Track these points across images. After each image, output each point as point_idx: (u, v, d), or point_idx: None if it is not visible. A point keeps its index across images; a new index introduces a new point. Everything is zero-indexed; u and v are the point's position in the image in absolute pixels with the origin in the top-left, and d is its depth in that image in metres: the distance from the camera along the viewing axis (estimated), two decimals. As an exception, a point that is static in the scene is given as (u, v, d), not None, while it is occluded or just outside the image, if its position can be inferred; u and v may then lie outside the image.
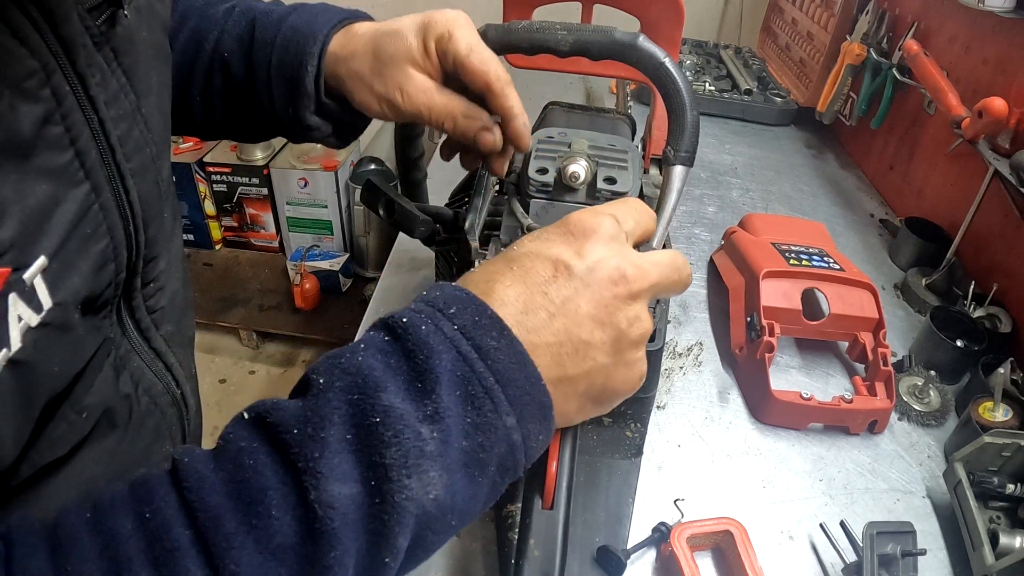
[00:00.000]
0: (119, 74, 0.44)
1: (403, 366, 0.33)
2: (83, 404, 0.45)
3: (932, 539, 0.68)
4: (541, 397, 0.35)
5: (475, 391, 0.33)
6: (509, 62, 0.71)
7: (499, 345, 0.34)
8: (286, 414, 0.32)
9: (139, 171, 0.46)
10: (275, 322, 2.43)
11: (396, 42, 0.53)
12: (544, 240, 0.40)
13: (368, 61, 0.54)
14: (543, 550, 0.46)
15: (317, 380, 0.33)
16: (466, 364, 0.33)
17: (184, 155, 2.49)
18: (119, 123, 0.44)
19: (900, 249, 1.11)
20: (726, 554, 0.63)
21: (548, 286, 0.37)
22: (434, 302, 0.36)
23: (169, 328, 0.55)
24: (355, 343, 0.35)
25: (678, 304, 0.97)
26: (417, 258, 1.00)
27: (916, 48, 1.11)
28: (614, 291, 0.38)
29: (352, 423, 0.31)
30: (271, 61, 0.57)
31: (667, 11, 0.73)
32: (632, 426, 0.61)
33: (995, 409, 0.76)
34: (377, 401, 0.31)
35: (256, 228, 2.63)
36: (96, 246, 0.42)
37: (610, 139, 0.65)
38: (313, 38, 0.55)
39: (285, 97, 0.58)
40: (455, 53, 0.52)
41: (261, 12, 0.59)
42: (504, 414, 0.33)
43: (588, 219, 0.40)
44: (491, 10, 0.96)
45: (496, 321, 0.35)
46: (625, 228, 0.41)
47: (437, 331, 0.34)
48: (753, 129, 1.54)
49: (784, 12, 1.73)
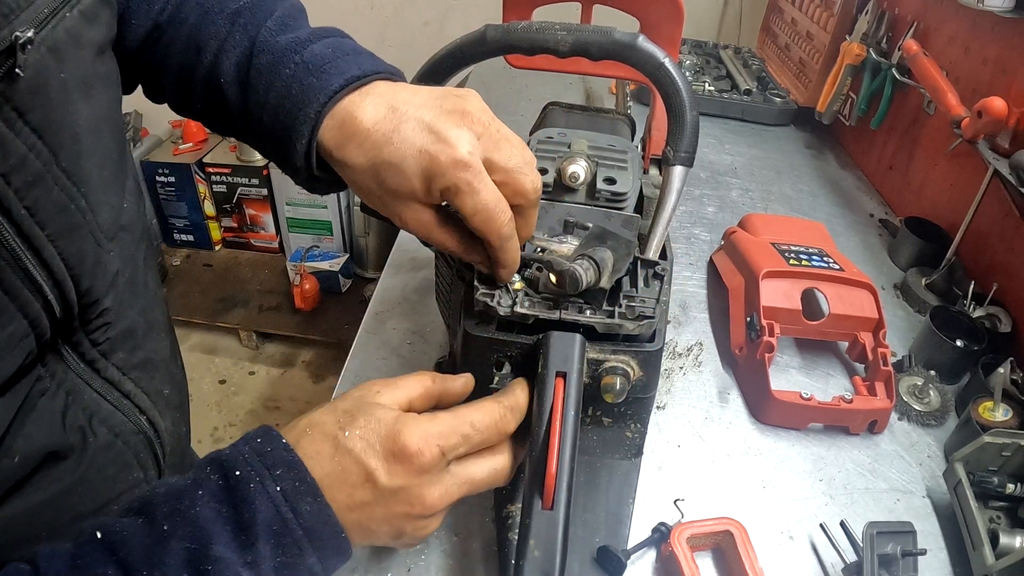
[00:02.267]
0: (26, 134, 0.39)
1: (231, 517, 0.40)
2: (14, 450, 0.43)
3: (932, 539, 0.68)
4: (341, 544, 0.44)
5: (286, 541, 0.41)
6: (509, 62, 0.71)
7: (311, 508, 0.42)
8: (135, 553, 0.38)
9: (63, 232, 0.43)
10: (275, 323, 2.43)
11: (397, 179, 0.47)
12: (368, 445, 0.44)
13: (367, 181, 0.49)
14: (543, 550, 0.46)
15: (161, 524, 0.39)
16: (282, 521, 0.41)
17: (184, 156, 2.50)
18: (28, 191, 0.40)
19: (900, 249, 1.11)
20: (726, 554, 0.63)
21: (354, 489, 0.44)
22: (264, 458, 0.42)
23: (122, 356, 0.53)
24: (194, 485, 0.41)
25: (678, 304, 0.97)
26: (417, 258, 1.00)
27: (916, 48, 1.11)
28: (408, 511, 0.45)
29: (189, 566, 0.38)
30: (263, 118, 0.51)
31: (667, 11, 0.73)
32: (632, 426, 0.61)
33: (995, 409, 0.76)
34: (210, 552, 0.39)
35: (256, 229, 2.63)
36: (3, 332, 0.40)
37: (610, 139, 0.65)
38: (304, 114, 0.48)
39: (277, 156, 0.53)
40: (459, 209, 0.48)
41: (260, 46, 0.52)
42: (308, 556, 0.42)
43: (412, 444, 0.44)
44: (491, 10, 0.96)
45: (312, 488, 0.42)
46: (450, 456, 0.46)
47: (262, 489, 0.41)
48: (753, 129, 1.54)
49: (784, 12, 1.73)
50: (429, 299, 0.92)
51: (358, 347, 0.84)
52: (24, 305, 0.41)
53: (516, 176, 0.48)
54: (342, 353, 1.85)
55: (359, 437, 0.44)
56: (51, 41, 0.40)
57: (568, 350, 0.51)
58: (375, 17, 2.37)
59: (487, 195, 0.47)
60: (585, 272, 0.50)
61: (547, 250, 0.57)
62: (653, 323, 0.54)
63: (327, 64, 0.49)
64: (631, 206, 0.61)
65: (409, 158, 0.47)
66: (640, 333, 0.54)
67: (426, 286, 0.95)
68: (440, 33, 2.37)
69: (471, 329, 0.54)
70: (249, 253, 2.69)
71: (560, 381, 0.50)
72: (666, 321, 0.59)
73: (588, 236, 0.55)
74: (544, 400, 0.49)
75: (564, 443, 0.48)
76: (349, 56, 0.50)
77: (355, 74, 0.49)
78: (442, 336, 0.86)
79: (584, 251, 0.53)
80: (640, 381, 0.55)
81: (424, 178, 0.47)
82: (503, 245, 0.50)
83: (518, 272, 0.56)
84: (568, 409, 0.49)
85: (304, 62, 0.50)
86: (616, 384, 0.54)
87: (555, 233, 0.59)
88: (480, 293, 0.53)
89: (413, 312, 0.90)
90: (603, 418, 0.60)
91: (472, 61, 0.60)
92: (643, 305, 0.54)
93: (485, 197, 0.47)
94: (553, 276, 0.52)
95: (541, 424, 0.49)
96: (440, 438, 0.45)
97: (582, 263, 0.51)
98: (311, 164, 0.50)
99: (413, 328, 0.88)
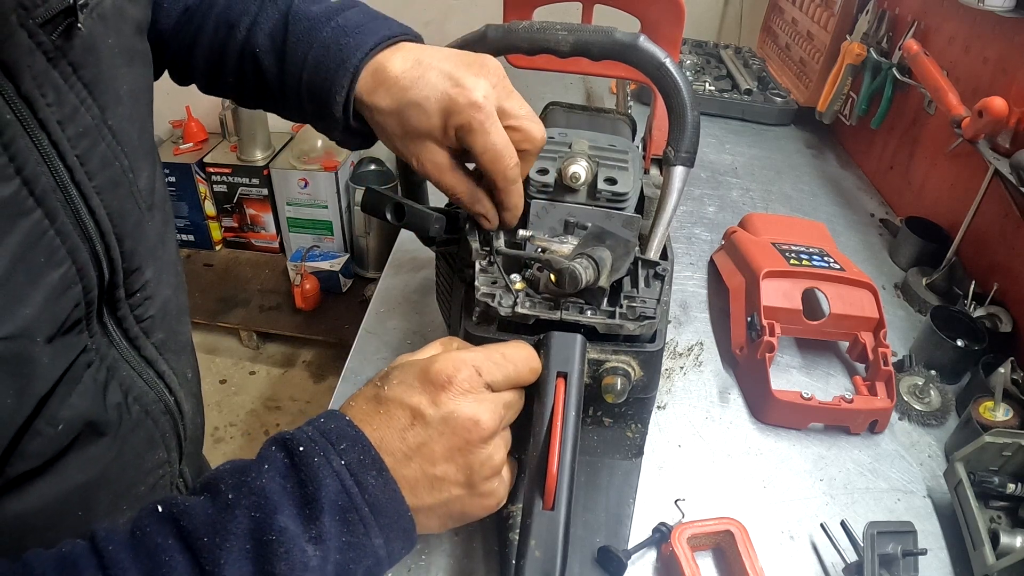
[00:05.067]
0: (79, 88, 0.43)
1: (296, 492, 0.40)
2: (59, 417, 0.44)
3: (933, 539, 0.68)
4: (406, 524, 0.43)
5: (352, 518, 0.40)
6: (510, 62, 0.71)
7: (376, 483, 0.42)
8: (197, 521, 0.38)
9: (108, 186, 0.45)
10: (275, 323, 2.43)
11: (419, 117, 0.53)
12: (407, 386, 0.45)
13: (392, 123, 0.54)
14: (544, 551, 0.46)
15: (226, 494, 0.39)
16: (347, 496, 0.40)
17: (184, 156, 2.49)
18: (79, 141, 0.43)
19: (900, 249, 1.11)
20: (727, 554, 0.63)
21: (405, 432, 0.44)
22: (328, 434, 0.42)
23: (160, 336, 0.55)
24: (259, 461, 0.41)
25: (678, 304, 0.97)
26: (417, 258, 1.00)
27: (916, 48, 1.11)
28: (466, 437, 0.44)
29: (253, 537, 0.38)
30: (302, 77, 0.56)
31: (667, 11, 0.73)
32: (633, 426, 0.61)
33: (995, 409, 0.76)
34: (274, 522, 0.38)
35: (256, 229, 2.63)
36: (53, 273, 0.42)
37: (610, 139, 0.65)
38: (344, 67, 0.54)
39: (315, 112, 0.57)
40: (471, 147, 0.52)
41: (294, 15, 0.57)
42: (374, 536, 0.41)
43: (447, 369, 0.45)
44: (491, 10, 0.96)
45: (377, 461, 0.42)
46: (487, 379, 0.46)
47: (327, 464, 0.41)
48: (753, 129, 1.54)
49: (784, 12, 1.73)
50: (430, 299, 0.92)
51: (359, 347, 0.85)
52: (73, 250, 0.43)
53: (525, 123, 0.54)
54: (343, 353, 1.85)
55: (396, 384, 0.45)
56: (100, 9, 0.45)
57: (569, 350, 0.51)
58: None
59: (496, 136, 0.52)
60: (584, 271, 0.50)
61: (548, 250, 0.57)
62: (654, 323, 0.54)
63: (361, 27, 0.56)
64: (632, 206, 0.61)
65: (432, 99, 0.52)
66: (641, 333, 0.54)
67: (427, 286, 0.95)
68: (441, 33, 2.37)
69: (472, 329, 0.54)
70: (249, 253, 2.69)
71: (561, 381, 0.50)
72: (667, 321, 0.60)
73: (586, 236, 0.55)
74: (545, 400, 0.49)
75: (565, 443, 0.48)
76: (379, 20, 0.57)
77: (386, 34, 0.55)
78: (443, 336, 0.86)
79: (583, 250, 0.53)
80: (641, 381, 0.56)
81: (443, 116, 0.52)
82: (508, 187, 0.54)
83: (518, 272, 0.56)
84: (569, 409, 0.49)
85: (340, 26, 0.56)
86: (617, 384, 0.54)
87: (556, 233, 0.59)
88: (481, 293, 0.53)
89: (414, 312, 0.90)
90: (604, 418, 0.60)
91: (473, 61, 0.60)
92: (644, 305, 0.54)
93: (495, 138, 0.52)
94: (552, 275, 0.52)
95: (542, 424, 0.49)
96: (474, 361, 0.46)
97: (581, 261, 0.51)
98: (348, 114, 0.56)
99: (414, 328, 0.88)
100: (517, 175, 0.54)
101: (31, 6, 0.38)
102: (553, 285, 0.53)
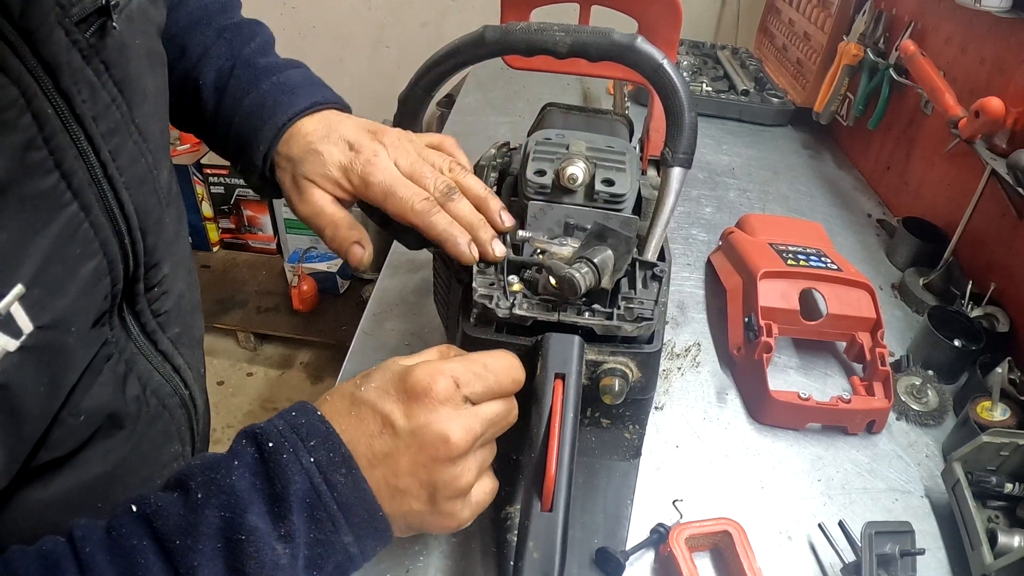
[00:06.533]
0: (110, 86, 0.44)
1: (266, 489, 0.40)
2: (82, 408, 0.45)
3: (931, 539, 0.68)
4: (377, 522, 0.43)
5: (320, 515, 0.41)
6: (507, 63, 0.71)
7: (345, 480, 0.42)
8: (170, 522, 0.38)
9: (134, 182, 0.46)
10: (273, 324, 2.43)
11: (315, 162, 0.57)
12: (382, 392, 0.45)
13: (291, 167, 0.58)
14: (542, 552, 0.46)
15: (196, 492, 0.39)
16: (316, 494, 0.41)
17: (181, 157, 2.49)
18: (110, 137, 0.44)
19: (897, 249, 1.11)
20: (725, 555, 0.63)
21: (373, 440, 0.43)
22: (298, 430, 0.42)
23: (176, 330, 0.56)
24: (229, 456, 0.42)
25: (676, 305, 0.97)
26: (415, 260, 1.00)
27: (913, 48, 1.11)
28: (432, 454, 0.44)
29: (223, 536, 0.38)
30: (234, 119, 0.60)
31: (665, 12, 0.73)
32: (631, 427, 0.61)
33: (993, 408, 0.77)
34: (244, 521, 0.39)
35: (254, 230, 2.63)
36: (87, 265, 0.43)
37: (608, 140, 0.65)
38: (272, 122, 0.59)
39: (237, 152, 0.61)
40: (373, 200, 0.56)
41: (242, 61, 0.62)
42: (343, 534, 0.41)
43: (424, 379, 0.44)
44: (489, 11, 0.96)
45: (347, 459, 0.42)
46: (466, 391, 0.45)
47: (296, 461, 0.41)
48: (750, 129, 1.54)
49: (781, 12, 1.73)
50: (427, 300, 0.92)
51: (356, 348, 0.84)
52: (105, 243, 0.44)
53: (430, 152, 0.58)
54: (340, 354, 1.84)
55: (373, 388, 0.45)
56: (128, 12, 0.47)
57: (567, 352, 0.51)
58: (372, 18, 2.37)
59: (384, 174, 0.55)
60: (584, 277, 0.50)
61: (547, 252, 0.57)
62: (651, 325, 0.54)
63: (298, 88, 0.61)
64: (629, 207, 0.61)
65: (332, 152, 0.57)
66: (639, 335, 0.54)
67: (424, 287, 0.94)
68: (438, 34, 2.36)
69: (469, 331, 0.54)
70: (247, 254, 2.68)
71: (559, 383, 0.50)
72: (664, 322, 0.60)
73: (588, 235, 0.55)
74: (543, 402, 0.49)
75: (563, 445, 0.48)
76: (315, 86, 0.63)
77: (317, 100, 0.61)
78: (440, 337, 0.86)
79: (583, 253, 0.53)
80: (639, 382, 0.55)
81: (340, 170, 0.57)
82: (426, 222, 0.55)
83: (516, 274, 0.56)
84: (567, 411, 0.49)
85: (280, 83, 0.61)
86: (615, 385, 0.54)
87: (555, 235, 0.59)
88: (478, 295, 0.53)
89: (411, 313, 0.90)
90: (602, 419, 0.60)
91: (470, 62, 0.60)
92: (641, 307, 0.54)
93: (382, 176, 0.55)
94: (553, 280, 0.52)
95: (540, 426, 0.49)
96: (452, 372, 0.45)
97: (580, 268, 0.51)
98: (267, 165, 0.60)
99: (411, 329, 0.88)
100: (428, 207, 0.54)
101: (67, 5, 0.40)
102: (554, 288, 0.53)
